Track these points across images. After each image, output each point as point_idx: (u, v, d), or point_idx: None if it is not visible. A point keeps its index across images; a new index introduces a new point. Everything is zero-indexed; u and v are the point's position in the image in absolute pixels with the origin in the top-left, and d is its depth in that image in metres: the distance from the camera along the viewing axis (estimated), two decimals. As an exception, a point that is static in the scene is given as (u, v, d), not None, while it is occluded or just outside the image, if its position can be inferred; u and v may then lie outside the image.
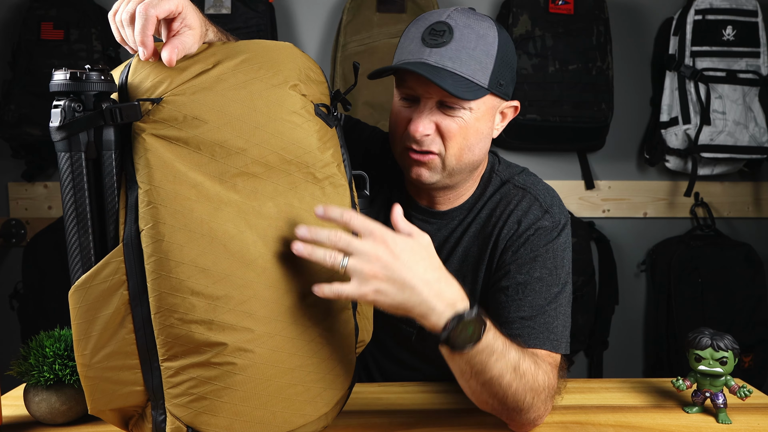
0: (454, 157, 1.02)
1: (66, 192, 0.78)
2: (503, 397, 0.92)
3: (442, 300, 0.84)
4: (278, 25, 2.26)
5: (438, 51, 0.97)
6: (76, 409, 1.00)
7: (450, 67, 0.96)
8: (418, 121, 0.99)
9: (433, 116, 1.00)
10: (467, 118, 1.00)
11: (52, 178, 2.34)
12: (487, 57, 0.98)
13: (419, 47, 0.98)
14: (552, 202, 1.09)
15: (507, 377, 0.90)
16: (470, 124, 1.01)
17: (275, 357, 0.84)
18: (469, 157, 1.04)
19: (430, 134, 1.00)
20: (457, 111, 1.00)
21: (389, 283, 0.82)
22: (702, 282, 2.27)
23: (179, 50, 0.79)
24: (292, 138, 0.84)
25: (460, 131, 1.01)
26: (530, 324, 1.01)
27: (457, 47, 0.97)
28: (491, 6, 2.33)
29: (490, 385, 0.90)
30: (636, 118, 2.39)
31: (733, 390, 1.06)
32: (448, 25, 0.98)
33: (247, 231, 0.82)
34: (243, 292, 0.81)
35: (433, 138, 1.01)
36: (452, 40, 0.97)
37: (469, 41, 0.98)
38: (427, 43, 0.98)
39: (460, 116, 1.00)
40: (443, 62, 0.96)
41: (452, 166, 1.03)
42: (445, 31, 0.97)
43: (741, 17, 2.19)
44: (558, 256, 1.06)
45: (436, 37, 0.97)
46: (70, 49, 2.12)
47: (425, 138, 1.00)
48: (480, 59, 0.98)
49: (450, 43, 0.97)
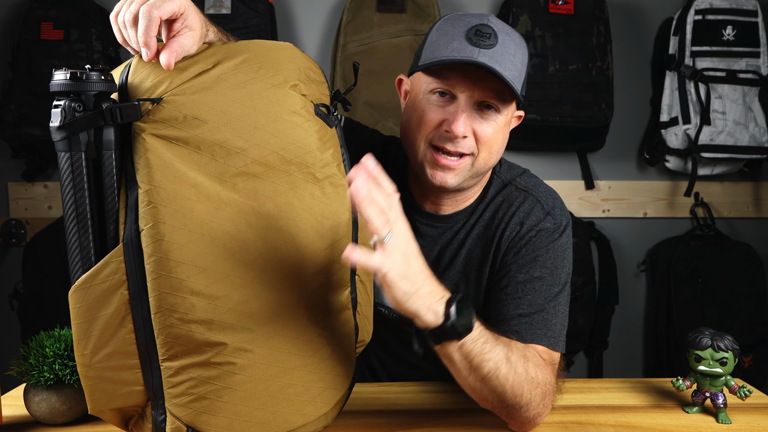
0: (483, 161, 1.03)
1: (66, 192, 0.78)
2: (502, 392, 0.93)
3: (437, 292, 0.85)
4: (278, 25, 2.26)
5: (487, 52, 0.97)
6: (76, 409, 1.00)
7: (498, 69, 0.97)
8: (459, 122, 0.98)
9: (470, 118, 1.00)
10: (500, 122, 1.02)
11: (52, 178, 2.34)
12: (522, 65, 1.02)
13: (465, 46, 0.98)
14: (554, 204, 1.10)
15: (503, 369, 0.91)
16: (500, 129, 1.03)
17: (275, 357, 0.84)
18: (493, 161, 1.05)
19: (468, 136, 1.00)
20: (493, 114, 1.01)
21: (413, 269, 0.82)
22: (702, 282, 2.27)
23: (178, 53, 0.79)
24: (292, 138, 0.84)
25: (493, 135, 1.02)
26: (528, 321, 1.02)
27: (502, 51, 0.98)
28: (491, 6, 2.33)
29: (488, 379, 0.91)
30: (636, 118, 2.39)
31: (733, 390, 1.06)
32: (493, 30, 0.99)
33: (247, 231, 0.82)
34: (243, 292, 0.81)
35: (468, 140, 1.01)
36: (497, 43, 0.98)
37: (510, 47, 0.99)
38: (475, 43, 0.98)
39: (494, 120, 1.01)
40: (492, 64, 0.97)
41: (479, 169, 1.04)
42: (491, 34, 0.98)
43: (741, 17, 2.19)
44: (558, 256, 1.06)
45: (483, 39, 0.98)
46: (70, 49, 2.12)
47: (462, 139, 1.00)
48: (518, 66, 1.00)
49: (496, 46, 0.98)
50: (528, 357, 0.96)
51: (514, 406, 0.95)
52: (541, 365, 0.98)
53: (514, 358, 0.93)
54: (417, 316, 0.85)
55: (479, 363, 0.90)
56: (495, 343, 0.91)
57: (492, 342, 0.91)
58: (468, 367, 0.90)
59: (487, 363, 0.90)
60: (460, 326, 0.85)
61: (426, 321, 0.85)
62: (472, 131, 1.00)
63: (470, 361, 0.90)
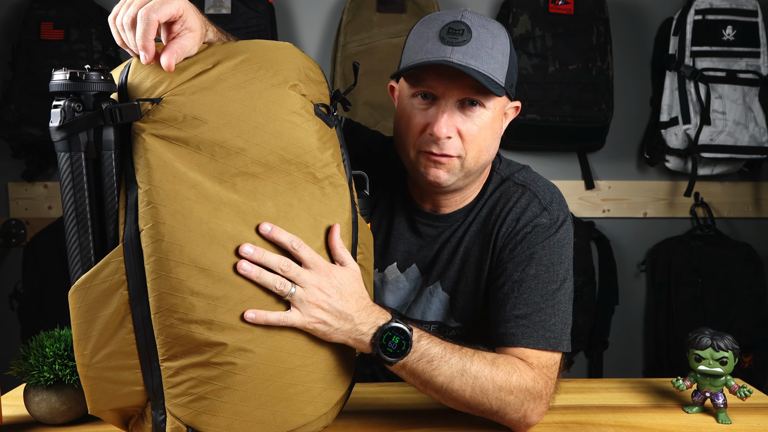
0: (473, 159, 1.02)
1: (66, 192, 0.78)
2: (465, 402, 0.95)
3: (366, 324, 0.90)
4: (278, 25, 2.26)
5: (460, 49, 0.96)
6: (76, 409, 1.00)
7: (473, 65, 0.96)
8: (441, 123, 0.98)
9: (453, 118, 0.99)
10: (485, 118, 1.00)
11: (52, 178, 2.35)
12: (503, 57, 0.99)
13: (439, 46, 0.97)
14: (552, 199, 1.08)
15: (456, 382, 0.93)
16: (488, 125, 1.01)
17: (275, 357, 0.84)
18: (485, 158, 1.04)
19: (452, 137, 0.99)
20: (477, 111, 1.00)
21: (329, 314, 0.87)
22: (702, 282, 2.27)
23: (178, 55, 0.79)
24: (291, 138, 0.84)
25: (480, 132, 1.00)
26: (525, 323, 1.01)
27: (477, 46, 0.97)
28: (491, 6, 2.33)
29: (444, 391, 0.94)
30: (636, 118, 2.39)
31: (733, 390, 1.06)
32: (466, 25, 0.98)
33: (246, 231, 0.82)
34: (243, 292, 0.81)
35: (454, 141, 1.00)
36: (471, 38, 0.97)
37: (487, 40, 0.98)
38: (447, 42, 0.97)
39: (479, 116, 1.00)
40: (466, 60, 0.96)
41: (470, 168, 1.03)
42: (464, 30, 0.97)
43: (741, 17, 2.19)
44: (555, 252, 1.05)
45: (455, 36, 0.97)
46: (70, 49, 2.12)
47: (447, 141, 0.99)
48: (497, 58, 0.98)
49: (470, 41, 0.97)
50: (497, 364, 0.96)
51: (486, 412, 0.97)
52: (517, 371, 0.97)
53: (474, 369, 0.94)
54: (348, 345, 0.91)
55: (428, 379, 0.93)
56: (446, 358, 0.93)
57: (440, 358, 0.93)
58: (419, 382, 0.95)
59: (437, 378, 0.93)
60: (387, 354, 0.90)
61: (359, 349, 0.92)
62: (456, 131, 0.99)
63: (417, 377, 0.94)
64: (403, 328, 0.90)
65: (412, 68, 0.98)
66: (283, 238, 0.83)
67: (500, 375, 0.95)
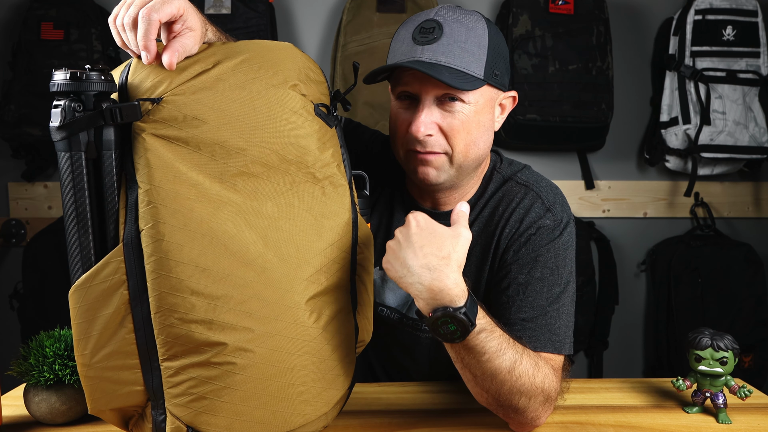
0: (461, 154, 1.02)
1: (66, 192, 0.78)
2: (496, 393, 0.93)
3: (431, 290, 0.85)
4: (278, 25, 2.26)
5: (430, 47, 0.97)
6: (76, 409, 1.00)
7: (444, 61, 0.96)
8: (419, 122, 0.99)
9: (432, 115, 0.99)
10: (467, 112, 1.00)
11: (52, 178, 2.34)
12: (479, 48, 0.99)
13: (411, 47, 0.98)
14: (555, 200, 1.08)
15: (499, 376, 0.91)
16: (471, 118, 1.01)
17: (275, 357, 0.84)
18: (475, 152, 1.03)
19: (432, 134, 1.00)
20: (457, 105, 0.99)
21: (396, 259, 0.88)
22: (702, 282, 2.27)
23: (180, 53, 0.79)
24: (292, 138, 0.84)
25: (463, 126, 1.00)
26: (531, 326, 1.01)
27: (449, 42, 0.97)
28: (491, 6, 2.33)
29: (482, 380, 0.92)
30: (636, 118, 2.39)
31: (733, 390, 1.06)
32: (437, 22, 0.98)
33: (247, 231, 0.82)
34: (243, 291, 0.81)
35: (436, 137, 1.00)
36: (443, 35, 0.97)
37: (460, 35, 0.98)
38: (418, 41, 0.98)
39: (460, 110, 1.00)
40: (437, 57, 0.96)
41: (460, 163, 1.03)
42: (435, 28, 0.98)
43: (741, 17, 2.19)
44: (560, 255, 1.05)
45: (426, 35, 0.98)
46: (70, 49, 2.12)
47: (428, 138, 1.00)
48: (472, 51, 0.98)
49: (441, 38, 0.97)
50: (539, 366, 0.95)
51: (510, 408, 0.95)
52: (549, 374, 0.97)
53: (522, 369, 0.92)
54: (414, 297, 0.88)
55: (471, 364, 0.91)
56: (499, 352, 0.90)
57: (493, 352, 0.90)
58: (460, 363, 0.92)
59: (481, 368, 0.90)
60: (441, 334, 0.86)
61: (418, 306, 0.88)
62: (437, 127, 1.00)
63: (461, 360, 0.91)
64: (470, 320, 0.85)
65: (381, 72, 1.00)
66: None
67: (539, 377, 0.94)
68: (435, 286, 0.85)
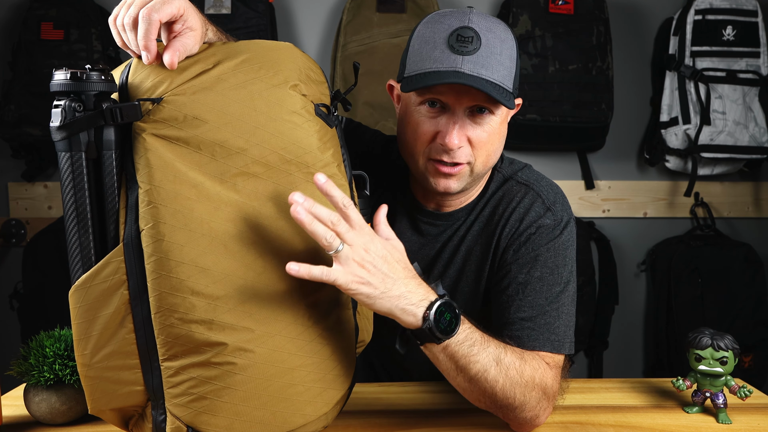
0: (482, 164, 1.02)
1: (66, 192, 0.78)
2: (492, 394, 0.93)
3: (417, 294, 0.86)
4: (278, 25, 2.26)
5: (470, 59, 0.94)
6: (76, 409, 1.00)
7: (485, 74, 0.94)
8: (453, 134, 0.97)
9: (464, 128, 0.98)
10: (494, 124, 1.00)
11: (52, 178, 2.34)
12: (510, 62, 0.98)
13: (448, 55, 0.95)
14: (555, 199, 1.08)
15: (492, 371, 0.91)
16: (496, 130, 1.01)
17: (275, 357, 0.84)
18: (493, 161, 1.04)
19: (464, 146, 0.99)
20: (487, 117, 0.99)
21: (375, 276, 0.83)
22: (702, 282, 2.27)
23: (181, 53, 0.79)
24: (292, 138, 0.84)
25: (489, 138, 1.00)
26: (530, 325, 1.01)
27: (487, 54, 0.95)
28: (491, 6, 2.33)
29: (477, 380, 0.92)
30: (636, 118, 2.39)
31: (733, 390, 1.06)
32: (475, 31, 0.96)
33: (247, 231, 0.82)
34: (243, 292, 0.81)
35: (464, 148, 0.99)
36: (481, 46, 0.95)
37: (495, 46, 0.96)
38: (457, 51, 0.95)
39: (488, 123, 0.99)
40: (477, 70, 0.94)
41: (479, 172, 1.03)
42: (473, 37, 0.95)
43: (741, 17, 2.19)
44: (560, 254, 1.04)
45: (465, 44, 0.95)
46: (70, 49, 2.12)
47: (458, 150, 0.99)
48: (506, 64, 0.97)
49: (480, 50, 0.95)
50: (525, 359, 0.96)
51: (507, 407, 0.95)
52: (541, 368, 0.97)
53: (507, 360, 0.93)
54: (393, 317, 0.86)
55: (466, 364, 0.90)
56: (484, 345, 0.92)
57: (480, 344, 0.91)
58: (455, 368, 0.91)
59: (474, 365, 0.91)
60: (439, 330, 0.86)
61: (404, 321, 0.87)
62: (467, 139, 0.99)
63: (456, 362, 0.91)
64: (454, 305, 0.88)
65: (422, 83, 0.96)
66: (335, 193, 0.82)
67: (528, 370, 0.95)
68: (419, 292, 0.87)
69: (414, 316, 0.86)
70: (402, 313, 0.86)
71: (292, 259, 0.84)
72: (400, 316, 0.86)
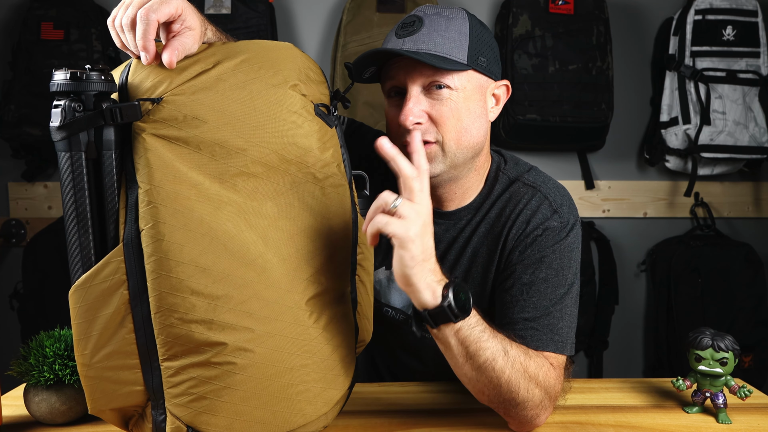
0: (453, 142, 1.02)
1: (66, 192, 0.78)
2: (498, 385, 0.93)
3: (438, 273, 0.88)
4: (278, 25, 2.26)
5: (411, 38, 0.99)
6: (76, 409, 1.00)
7: (425, 48, 0.98)
8: (407, 110, 1.00)
9: (420, 104, 1.00)
10: (456, 98, 1.01)
11: (52, 178, 2.35)
12: (460, 35, 1.00)
13: (393, 41, 1.01)
14: (562, 202, 1.08)
15: (500, 361, 0.91)
16: (461, 105, 1.01)
17: (275, 357, 0.84)
18: (468, 140, 1.03)
19: (422, 122, 1.00)
20: (444, 93, 1.00)
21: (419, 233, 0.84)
22: (702, 282, 2.27)
23: (179, 52, 0.79)
24: (292, 138, 0.84)
25: (452, 113, 1.01)
26: (534, 326, 1.01)
27: (429, 31, 0.99)
28: (491, 6, 2.33)
29: (485, 369, 0.91)
30: (636, 118, 2.39)
31: (733, 390, 1.06)
32: (418, 16, 1.01)
33: (247, 231, 0.82)
34: (243, 291, 0.81)
35: (427, 127, 1.01)
36: (423, 26, 1.00)
37: (440, 25, 1.00)
38: (400, 35, 1.00)
39: (448, 97, 1.00)
40: (418, 46, 0.98)
41: (453, 152, 1.02)
42: (415, 21, 1.01)
43: (741, 17, 2.19)
44: (565, 257, 1.04)
45: (407, 28, 1.01)
46: (70, 49, 2.12)
47: (418, 126, 1.00)
48: (453, 38, 1.00)
49: (421, 29, 0.99)
50: (530, 355, 0.96)
51: (510, 402, 0.94)
52: (544, 366, 0.97)
53: (513, 353, 0.93)
54: (416, 292, 0.86)
55: (476, 350, 0.90)
56: (493, 334, 0.92)
57: (490, 333, 0.92)
58: (464, 354, 0.91)
59: (484, 352, 0.90)
60: (457, 307, 0.86)
61: (423, 299, 0.86)
62: (426, 116, 1.01)
63: (467, 347, 0.90)
64: (467, 287, 0.90)
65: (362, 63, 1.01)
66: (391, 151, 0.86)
67: (532, 365, 0.95)
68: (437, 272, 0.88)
69: (434, 292, 0.86)
70: (426, 288, 0.86)
71: (292, 259, 0.84)
72: (422, 291, 0.86)
